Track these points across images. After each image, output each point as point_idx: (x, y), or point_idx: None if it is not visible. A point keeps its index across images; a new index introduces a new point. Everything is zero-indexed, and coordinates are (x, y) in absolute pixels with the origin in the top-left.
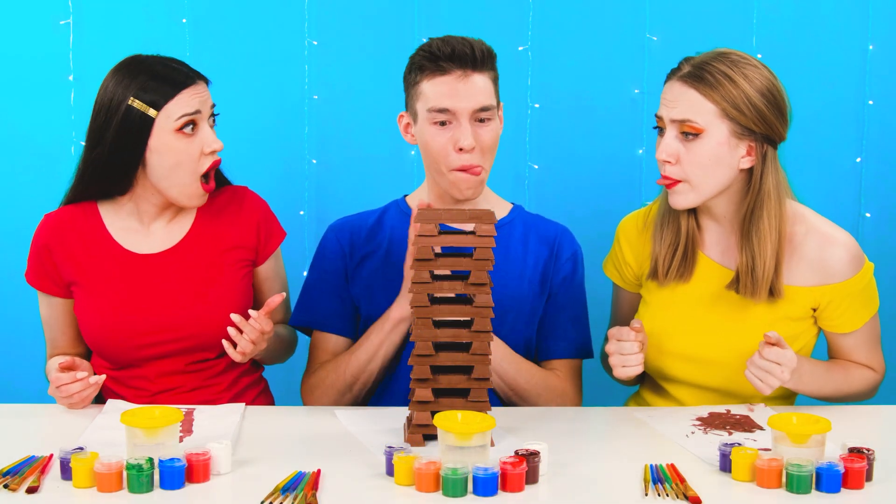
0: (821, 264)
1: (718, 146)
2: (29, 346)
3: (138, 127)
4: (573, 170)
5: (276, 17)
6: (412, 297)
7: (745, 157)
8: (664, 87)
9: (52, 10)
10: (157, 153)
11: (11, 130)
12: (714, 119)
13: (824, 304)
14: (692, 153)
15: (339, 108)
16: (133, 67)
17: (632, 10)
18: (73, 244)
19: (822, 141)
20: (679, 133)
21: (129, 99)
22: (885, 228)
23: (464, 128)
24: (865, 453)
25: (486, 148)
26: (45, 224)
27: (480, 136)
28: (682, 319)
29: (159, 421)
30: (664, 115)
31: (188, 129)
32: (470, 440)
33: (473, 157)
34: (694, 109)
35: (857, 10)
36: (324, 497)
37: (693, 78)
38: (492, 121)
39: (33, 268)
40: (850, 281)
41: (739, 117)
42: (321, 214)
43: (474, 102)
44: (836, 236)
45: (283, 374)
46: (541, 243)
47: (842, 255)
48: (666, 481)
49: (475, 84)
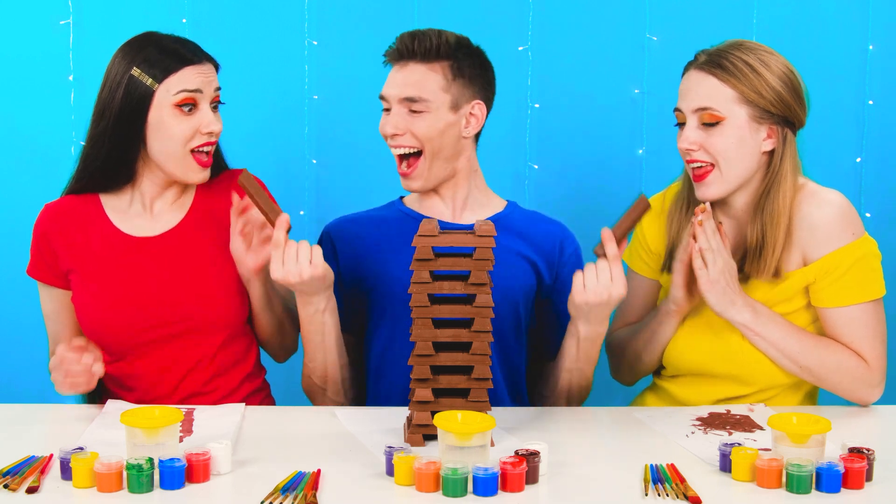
0: (810, 224)
1: (739, 130)
2: (29, 346)
3: (138, 99)
4: (573, 170)
5: (276, 17)
6: (412, 297)
7: (766, 140)
8: (682, 80)
9: (52, 10)
10: (154, 128)
11: (11, 130)
12: (733, 105)
13: (821, 276)
14: (714, 140)
15: (339, 108)
16: (142, 40)
17: (632, 10)
18: (72, 231)
19: (822, 141)
20: (700, 124)
21: (132, 69)
22: (885, 228)
23: (392, 115)
24: (865, 453)
25: (421, 138)
26: (45, 213)
27: (411, 126)
28: (697, 306)
29: (159, 421)
30: (684, 106)
31: (186, 109)
32: (470, 440)
33: (400, 142)
34: (713, 97)
35: (857, 10)
36: (324, 497)
37: (711, 65)
38: (425, 113)
39: (34, 258)
40: (843, 250)
41: (759, 100)
42: (321, 214)
43: (399, 91)
44: (828, 196)
45: (283, 374)
46: (543, 235)
47: (832, 214)
48: (666, 481)
49: (409, 73)
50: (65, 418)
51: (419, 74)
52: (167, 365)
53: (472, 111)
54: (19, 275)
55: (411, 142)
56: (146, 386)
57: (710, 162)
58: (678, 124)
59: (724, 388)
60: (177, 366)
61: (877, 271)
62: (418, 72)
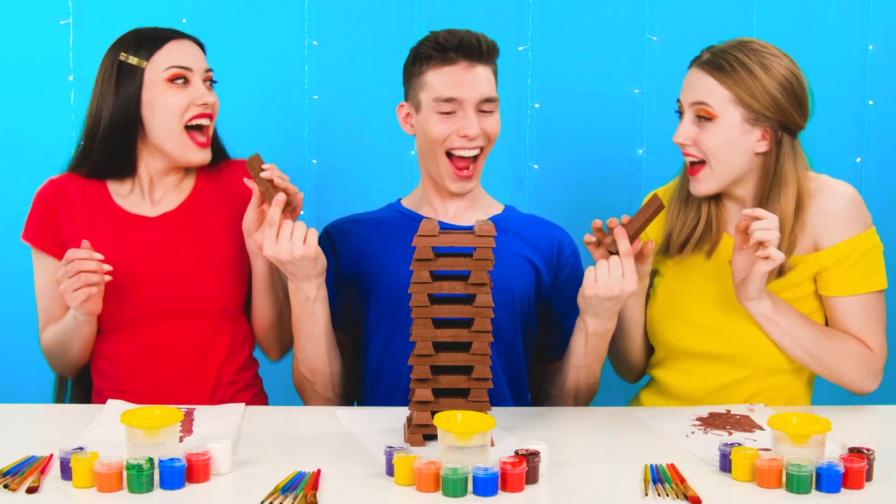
0: (825, 211)
1: (730, 130)
2: (29, 346)
3: (130, 81)
4: (573, 170)
5: (276, 17)
6: (412, 297)
7: (760, 142)
8: (686, 74)
9: (52, 10)
10: (149, 107)
11: (11, 130)
12: (728, 105)
13: (832, 263)
14: (706, 136)
15: (339, 108)
16: (123, 34)
17: (632, 10)
18: (75, 204)
19: (822, 141)
20: (695, 117)
21: (119, 56)
22: (885, 228)
23: (469, 117)
24: (865, 453)
25: (491, 138)
26: (49, 184)
27: (484, 126)
28: (697, 288)
29: (159, 421)
30: (682, 98)
31: (179, 82)
32: (470, 440)
33: (476, 143)
34: (709, 94)
35: (857, 10)
36: (324, 497)
37: (710, 65)
38: (494, 113)
39: (32, 224)
40: (848, 242)
41: (753, 103)
42: (321, 214)
43: (480, 92)
44: (841, 187)
45: (280, 372)
46: (541, 237)
47: (845, 204)
48: (666, 481)
49: (479, 75)
50: (65, 418)
51: (486, 75)
52: (156, 342)
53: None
54: (19, 275)
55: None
56: (129, 364)
57: (702, 158)
58: (678, 111)
59: (721, 372)
60: (165, 345)
61: (881, 262)
62: (483, 74)
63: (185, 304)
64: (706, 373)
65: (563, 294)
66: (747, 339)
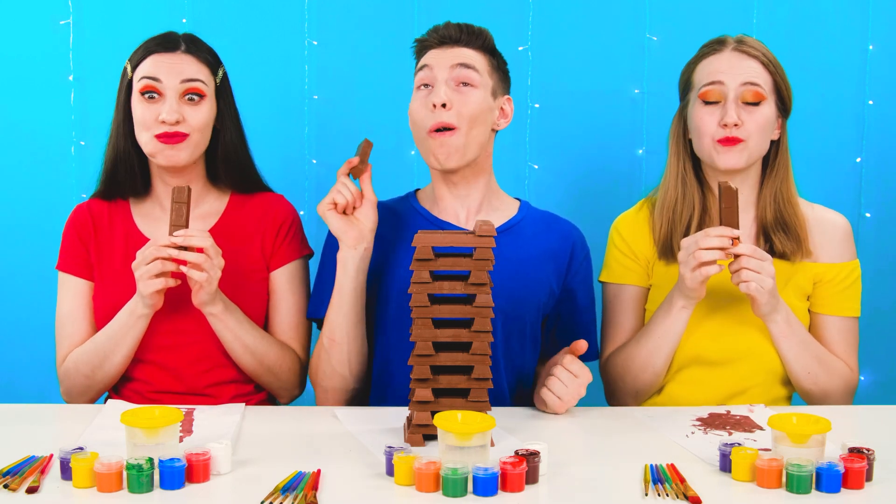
0: (829, 226)
1: (768, 118)
2: (29, 346)
3: (123, 89)
4: (573, 170)
5: (276, 17)
6: (412, 297)
7: (776, 130)
8: (711, 61)
9: (52, 10)
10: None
11: (11, 130)
12: (770, 91)
13: (827, 278)
14: (754, 118)
15: (339, 108)
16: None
17: (632, 10)
18: (101, 230)
19: (822, 141)
20: (741, 102)
21: (126, 67)
22: (885, 228)
23: (438, 85)
24: (865, 453)
25: (464, 113)
26: (76, 213)
27: (458, 99)
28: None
29: (159, 421)
30: (729, 80)
31: (146, 96)
32: (470, 440)
33: (450, 116)
34: (759, 76)
35: (857, 10)
36: (324, 497)
37: (752, 50)
38: (474, 88)
39: (65, 252)
40: (846, 265)
41: (784, 91)
42: None
43: (451, 61)
44: (837, 219)
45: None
46: (556, 241)
47: (844, 229)
48: (666, 481)
49: (458, 51)
50: (65, 418)
51: (469, 53)
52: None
53: (503, 105)
54: (19, 275)
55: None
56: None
57: (744, 139)
58: (709, 103)
59: (723, 384)
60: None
61: (860, 293)
62: (467, 51)
63: (196, 338)
64: (706, 382)
65: (571, 301)
66: (751, 345)
